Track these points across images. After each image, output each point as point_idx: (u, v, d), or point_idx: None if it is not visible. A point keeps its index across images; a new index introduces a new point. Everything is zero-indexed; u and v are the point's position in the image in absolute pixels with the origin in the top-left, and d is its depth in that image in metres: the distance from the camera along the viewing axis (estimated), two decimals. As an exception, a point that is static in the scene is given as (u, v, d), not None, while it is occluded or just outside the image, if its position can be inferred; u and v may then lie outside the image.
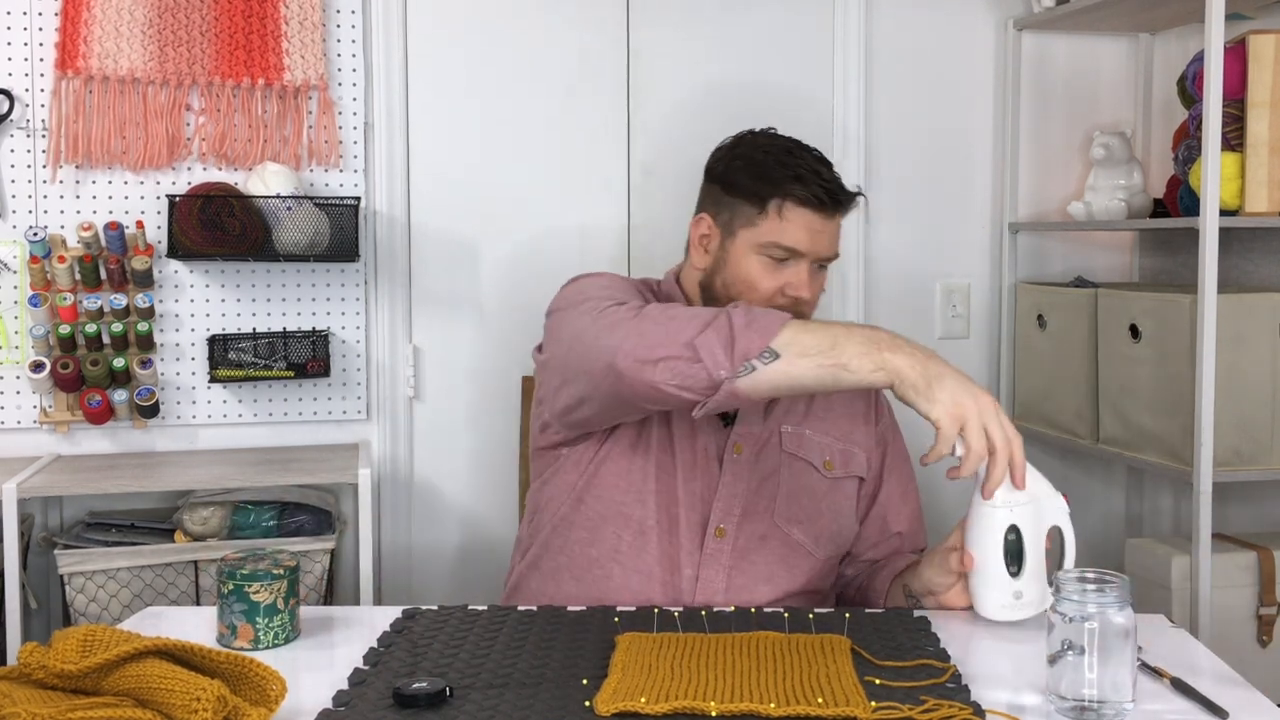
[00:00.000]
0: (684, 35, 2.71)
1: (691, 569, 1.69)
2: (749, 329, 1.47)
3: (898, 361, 1.45)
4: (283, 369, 2.51)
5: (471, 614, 1.54)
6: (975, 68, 2.84)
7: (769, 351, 1.46)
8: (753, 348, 1.46)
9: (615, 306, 1.59)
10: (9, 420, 2.48)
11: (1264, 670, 2.28)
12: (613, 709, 1.21)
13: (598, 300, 1.64)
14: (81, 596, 2.29)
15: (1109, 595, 1.25)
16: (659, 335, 1.50)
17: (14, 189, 2.46)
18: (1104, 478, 2.93)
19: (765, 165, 1.73)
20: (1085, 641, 1.23)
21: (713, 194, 1.81)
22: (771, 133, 1.81)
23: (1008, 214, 2.83)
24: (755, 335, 1.47)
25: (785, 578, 1.72)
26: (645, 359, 1.50)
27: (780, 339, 1.46)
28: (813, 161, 1.74)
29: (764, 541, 1.72)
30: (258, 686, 1.18)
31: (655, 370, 1.49)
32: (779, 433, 1.78)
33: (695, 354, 1.47)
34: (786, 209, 1.71)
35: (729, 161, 1.79)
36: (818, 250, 1.73)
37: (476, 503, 2.69)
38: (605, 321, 1.57)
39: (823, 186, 1.71)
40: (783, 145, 1.77)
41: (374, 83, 2.60)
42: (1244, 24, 2.49)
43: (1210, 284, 2.17)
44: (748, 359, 1.46)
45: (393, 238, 2.61)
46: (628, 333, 1.53)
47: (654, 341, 1.50)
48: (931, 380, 1.44)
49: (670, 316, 1.52)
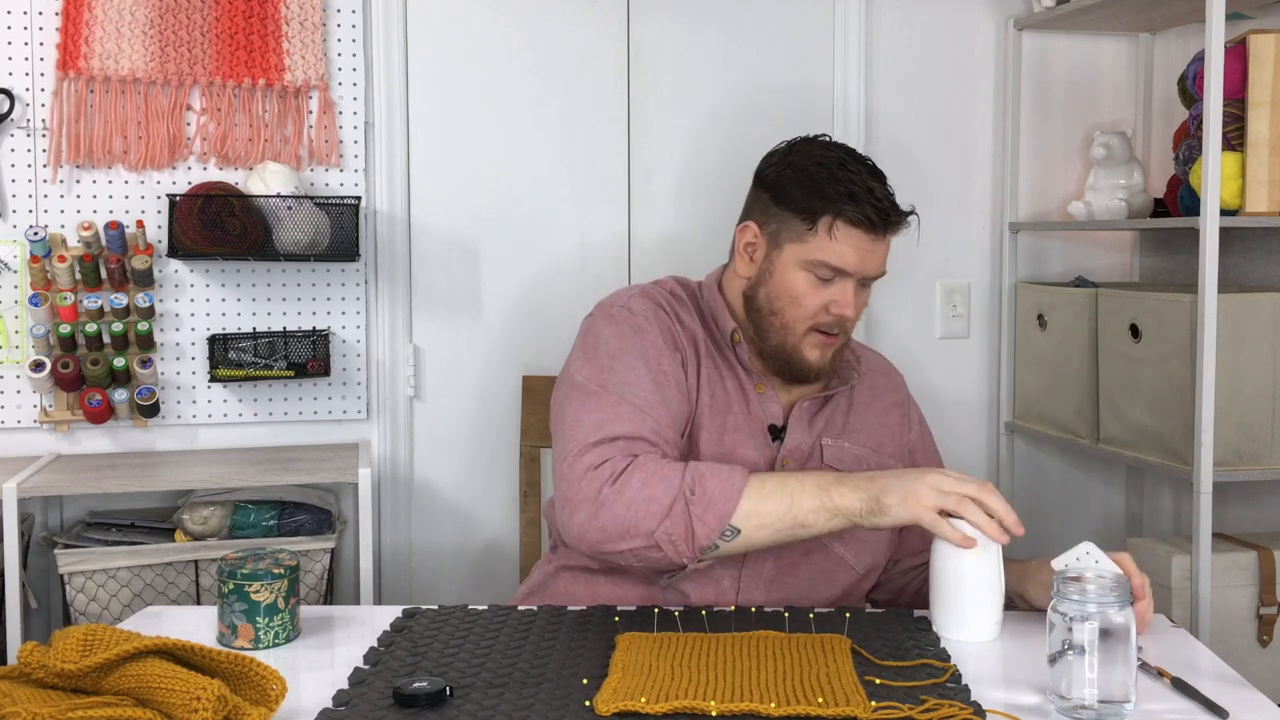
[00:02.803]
0: (684, 35, 2.71)
1: (731, 580, 1.67)
2: (706, 514, 1.52)
3: (846, 501, 1.53)
4: (283, 369, 2.51)
5: (471, 614, 1.54)
6: (975, 68, 2.84)
7: (731, 530, 1.53)
8: (711, 532, 1.52)
9: (588, 457, 1.56)
10: (9, 420, 2.48)
11: (1264, 670, 2.28)
12: (613, 709, 1.21)
13: (589, 409, 1.62)
14: (81, 596, 2.29)
15: (1109, 595, 1.25)
16: (620, 525, 1.53)
17: (14, 189, 2.46)
18: (1104, 478, 2.93)
19: (818, 180, 1.67)
20: (1085, 641, 1.24)
21: (761, 202, 1.75)
22: (826, 141, 1.75)
23: (1008, 214, 2.83)
24: (713, 519, 1.52)
25: (825, 591, 1.72)
26: (609, 550, 1.55)
27: (739, 512, 1.53)
28: (867, 177, 1.68)
29: (807, 556, 1.70)
30: (258, 686, 1.18)
31: (620, 556, 1.56)
32: (820, 446, 1.77)
33: (656, 545, 1.53)
34: (838, 228, 1.66)
35: (780, 170, 1.73)
36: (866, 270, 1.69)
37: (476, 503, 2.69)
38: (574, 491, 1.56)
39: (875, 207, 1.66)
40: (837, 158, 1.70)
41: (374, 83, 2.60)
42: (1244, 24, 2.50)
43: (1210, 284, 2.17)
44: (705, 547, 1.53)
45: (393, 238, 2.61)
46: (590, 520, 1.54)
47: (615, 532, 1.54)
48: (877, 496, 1.52)
49: (629, 501, 1.52)
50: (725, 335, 1.76)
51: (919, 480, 1.50)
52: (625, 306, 1.74)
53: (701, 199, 2.72)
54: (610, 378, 1.64)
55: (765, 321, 1.72)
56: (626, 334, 1.69)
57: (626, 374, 1.65)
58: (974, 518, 1.46)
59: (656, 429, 1.61)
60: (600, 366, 1.66)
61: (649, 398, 1.63)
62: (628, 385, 1.64)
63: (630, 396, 1.62)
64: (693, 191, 2.73)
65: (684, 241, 2.72)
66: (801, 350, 1.71)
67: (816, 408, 1.78)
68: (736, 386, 1.74)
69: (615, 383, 1.63)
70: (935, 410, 2.75)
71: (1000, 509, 1.47)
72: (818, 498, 1.53)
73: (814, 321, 1.69)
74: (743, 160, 2.73)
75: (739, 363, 1.75)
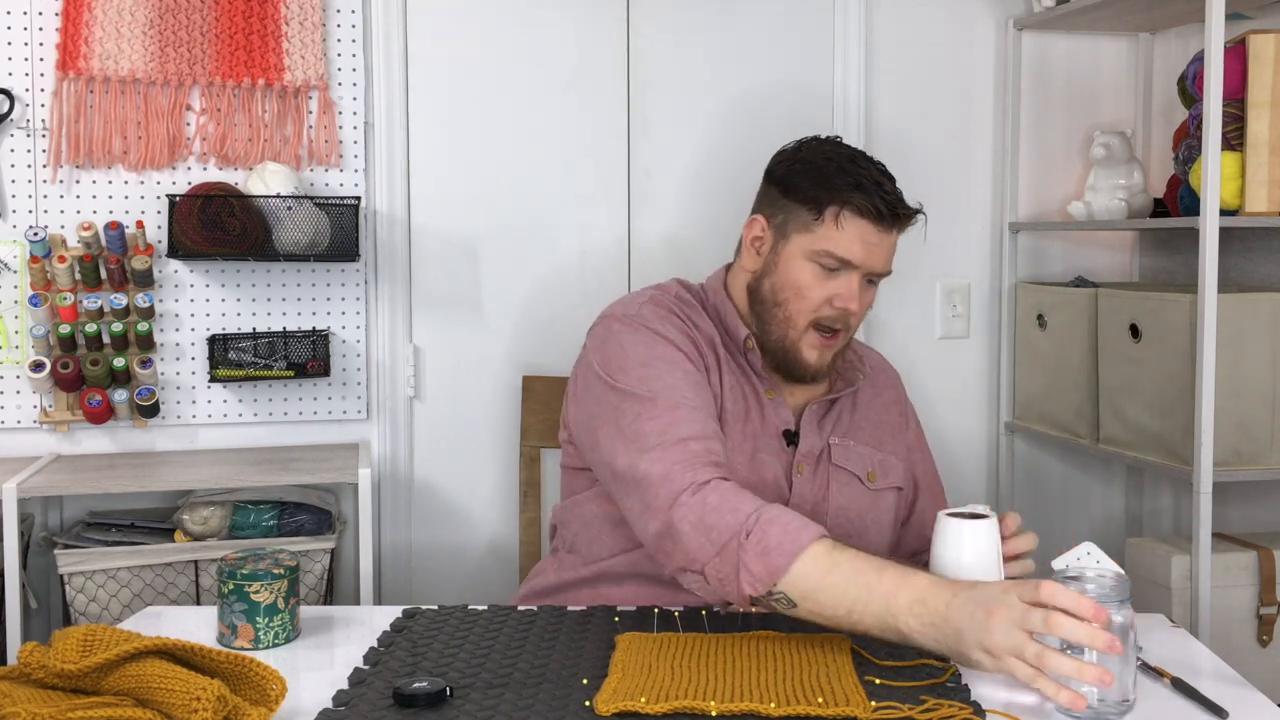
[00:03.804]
0: (684, 35, 2.71)
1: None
2: (755, 563, 1.42)
3: (911, 632, 1.35)
4: (283, 369, 2.51)
5: (471, 614, 1.54)
6: (975, 67, 2.84)
7: (783, 596, 1.42)
8: (758, 584, 1.42)
9: (674, 471, 1.52)
10: (9, 420, 2.48)
11: (1264, 670, 2.28)
12: (613, 709, 1.21)
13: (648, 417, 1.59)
14: (81, 596, 2.29)
15: (1109, 595, 1.25)
16: (682, 551, 1.48)
17: (14, 189, 2.46)
18: (1104, 478, 2.93)
19: (826, 171, 1.69)
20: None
21: (770, 196, 1.77)
22: (836, 140, 1.78)
23: (1008, 214, 2.83)
24: (762, 570, 1.42)
25: None
26: (666, 562, 1.52)
27: (798, 582, 1.41)
28: (875, 173, 1.70)
29: None
30: (258, 686, 1.18)
31: (675, 574, 1.52)
32: (828, 445, 1.77)
33: (706, 579, 1.47)
34: (844, 217, 1.67)
35: (790, 165, 1.75)
36: (871, 264, 1.70)
37: (476, 503, 2.69)
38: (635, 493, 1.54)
39: (883, 198, 1.67)
40: (846, 154, 1.73)
41: (374, 83, 2.60)
42: (1244, 24, 2.49)
43: (1210, 284, 2.17)
44: (755, 593, 1.43)
45: (393, 238, 2.61)
46: (651, 531, 1.51)
47: (672, 554, 1.50)
48: (953, 644, 1.33)
49: (696, 524, 1.47)
50: (738, 341, 1.76)
51: (987, 630, 1.29)
52: (639, 315, 1.72)
53: (702, 199, 2.72)
54: (655, 385, 1.62)
55: (768, 314, 1.72)
56: (651, 341, 1.68)
57: (666, 379, 1.64)
58: (1060, 668, 1.24)
59: (711, 428, 1.60)
60: (640, 376, 1.64)
61: (696, 400, 1.63)
62: (672, 389, 1.62)
63: (679, 400, 1.61)
64: (693, 191, 2.73)
65: (684, 242, 2.72)
66: (800, 348, 1.71)
67: (824, 409, 1.79)
68: (751, 392, 1.74)
69: (660, 388, 1.62)
70: (935, 410, 2.76)
71: (1080, 635, 1.24)
72: (880, 617, 1.37)
73: (817, 315, 1.69)
74: (743, 160, 2.74)
75: (751, 368, 1.75)
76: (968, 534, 1.46)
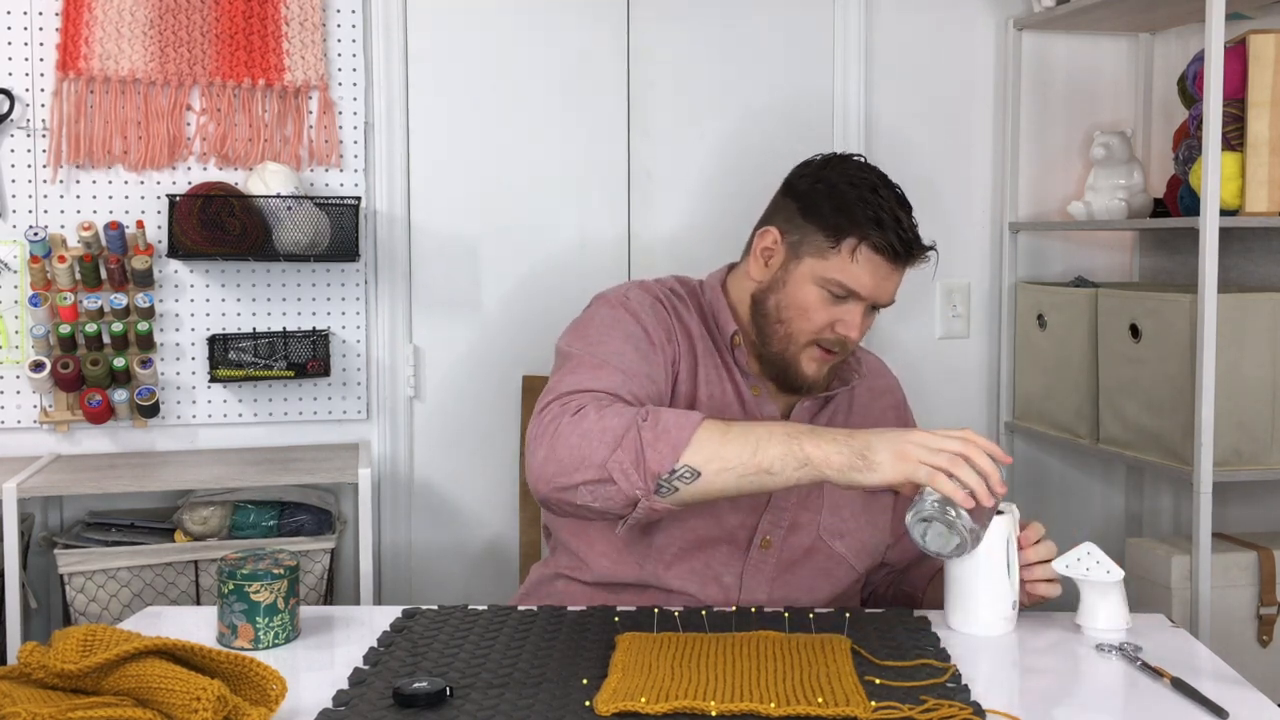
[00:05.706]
0: (684, 35, 2.71)
1: (733, 577, 1.67)
2: (659, 440, 1.45)
3: (819, 453, 1.44)
4: (283, 369, 2.51)
5: (471, 614, 1.54)
6: (975, 68, 2.84)
7: (689, 471, 1.45)
8: (664, 460, 1.44)
9: (557, 401, 1.54)
10: (9, 420, 2.48)
11: (1264, 670, 2.28)
12: (613, 709, 1.21)
13: (570, 370, 1.60)
14: (81, 596, 2.29)
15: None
16: (574, 456, 1.48)
17: (14, 189, 2.46)
18: (1104, 478, 2.93)
19: (849, 200, 1.67)
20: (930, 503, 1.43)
21: (787, 210, 1.74)
22: (860, 162, 1.76)
23: (1008, 214, 2.83)
24: (665, 447, 1.45)
25: (826, 589, 1.72)
26: (564, 484, 1.48)
27: (700, 454, 1.45)
28: (895, 205, 1.69)
29: (809, 555, 1.71)
30: (258, 686, 1.18)
31: (576, 493, 1.48)
32: None
33: (609, 477, 1.46)
34: (860, 251, 1.66)
35: (813, 183, 1.72)
36: (878, 297, 1.70)
37: (476, 503, 2.69)
38: (537, 428, 1.53)
39: (900, 236, 1.67)
40: (869, 181, 1.70)
41: (374, 83, 2.60)
42: (1244, 24, 2.49)
43: (1210, 284, 2.17)
44: (659, 475, 1.45)
45: (393, 238, 2.61)
46: (548, 453, 1.50)
47: (569, 464, 1.48)
48: (862, 451, 1.43)
49: (585, 432, 1.48)
50: (725, 337, 1.76)
51: (903, 439, 1.44)
52: (623, 295, 1.75)
53: (702, 199, 2.72)
54: (598, 348, 1.64)
55: (770, 328, 1.72)
56: (620, 316, 1.70)
57: (613, 345, 1.65)
58: (966, 478, 1.42)
59: (635, 393, 1.59)
60: (589, 340, 1.66)
61: (634, 368, 1.62)
62: (614, 354, 1.63)
63: (615, 362, 1.62)
64: (693, 192, 2.73)
65: (684, 242, 2.72)
66: (800, 361, 1.71)
67: (817, 408, 1.78)
68: (734, 388, 1.75)
69: (601, 351, 1.63)
70: (935, 410, 2.76)
71: (987, 469, 1.44)
72: (785, 445, 1.45)
73: (817, 336, 1.70)
74: (743, 160, 2.75)
75: (736, 365, 1.75)
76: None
